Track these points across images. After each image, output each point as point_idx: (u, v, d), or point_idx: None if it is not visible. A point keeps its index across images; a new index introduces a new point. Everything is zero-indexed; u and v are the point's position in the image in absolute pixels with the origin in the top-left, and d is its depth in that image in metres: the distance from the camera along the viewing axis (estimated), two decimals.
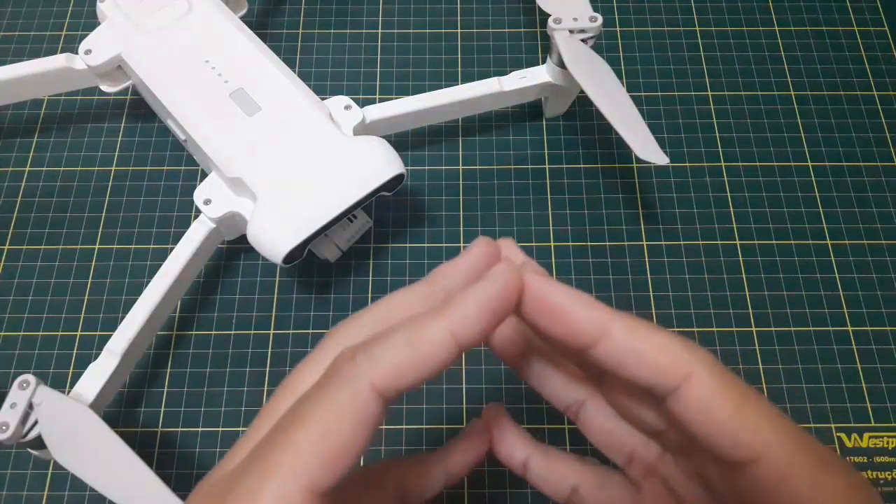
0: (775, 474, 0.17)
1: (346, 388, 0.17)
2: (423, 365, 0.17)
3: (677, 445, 0.21)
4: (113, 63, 0.36)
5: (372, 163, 0.32)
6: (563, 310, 0.18)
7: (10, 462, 0.33)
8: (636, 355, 0.18)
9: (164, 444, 0.34)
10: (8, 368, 0.35)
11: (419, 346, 0.17)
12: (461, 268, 0.20)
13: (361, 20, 0.45)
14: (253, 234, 0.31)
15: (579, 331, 0.18)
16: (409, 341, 0.17)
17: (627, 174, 0.40)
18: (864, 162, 0.40)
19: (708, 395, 0.18)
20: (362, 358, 0.17)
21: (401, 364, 0.17)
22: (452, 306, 0.17)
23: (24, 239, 0.38)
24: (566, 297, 0.18)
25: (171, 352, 0.35)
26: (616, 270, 0.37)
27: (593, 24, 0.35)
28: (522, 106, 0.42)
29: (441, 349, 0.17)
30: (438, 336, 0.17)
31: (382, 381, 0.17)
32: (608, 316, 0.18)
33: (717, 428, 0.18)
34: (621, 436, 0.22)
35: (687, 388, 0.18)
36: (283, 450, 0.16)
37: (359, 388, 0.17)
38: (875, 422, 0.34)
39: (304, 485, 0.16)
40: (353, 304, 0.37)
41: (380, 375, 0.17)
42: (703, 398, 0.18)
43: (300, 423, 0.17)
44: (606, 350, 0.18)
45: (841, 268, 0.38)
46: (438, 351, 0.17)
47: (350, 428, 0.16)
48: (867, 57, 0.44)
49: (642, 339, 0.18)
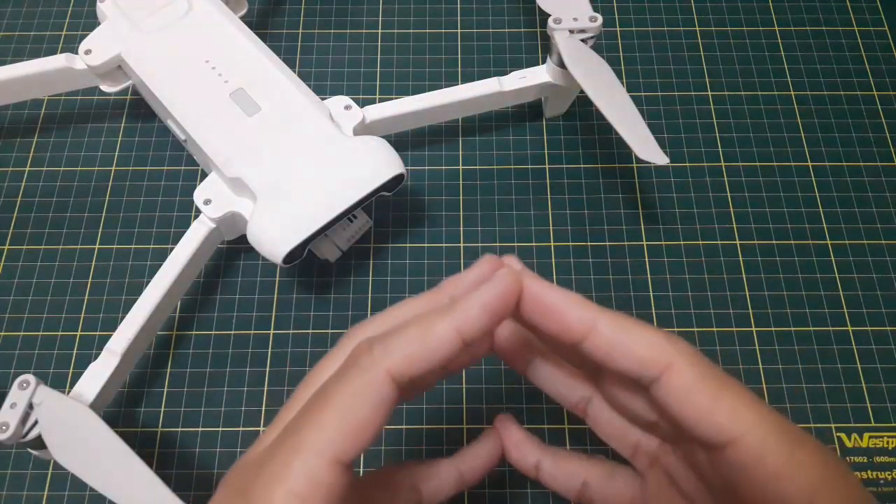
0: (753, 454, 0.19)
1: (365, 373, 0.19)
2: (432, 355, 0.19)
3: (670, 435, 0.23)
4: (113, 63, 0.36)
5: (372, 163, 0.32)
6: (556, 309, 0.21)
7: (10, 462, 0.33)
8: (621, 348, 0.20)
9: (164, 444, 0.34)
10: (8, 368, 0.35)
11: (428, 338, 0.19)
12: (468, 280, 0.22)
13: (361, 20, 0.45)
14: (253, 234, 0.31)
15: (570, 327, 0.20)
16: (419, 335, 0.20)
17: (627, 174, 0.40)
18: (864, 162, 0.40)
19: (687, 382, 0.20)
20: (379, 348, 0.20)
21: (412, 354, 0.19)
22: (458, 305, 0.20)
23: (24, 239, 0.38)
24: (559, 297, 0.21)
25: (171, 352, 0.35)
26: (616, 270, 0.37)
27: (593, 24, 0.35)
28: (522, 106, 0.42)
29: (447, 342, 0.19)
30: (445, 331, 0.19)
31: (396, 368, 0.19)
32: (595, 313, 0.20)
33: (697, 413, 0.19)
34: (626, 428, 0.24)
35: (668, 377, 0.20)
36: (311, 428, 0.19)
37: (376, 373, 0.19)
38: (875, 422, 0.34)
39: (329, 457, 0.18)
40: (353, 304, 0.37)
41: (393, 363, 0.19)
42: (682, 386, 0.20)
43: (325, 404, 0.19)
44: (595, 344, 0.20)
45: (841, 268, 0.38)
46: (445, 344, 0.19)
47: (368, 408, 0.19)
48: (867, 57, 0.44)
49: (626, 333, 0.20)
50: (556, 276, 0.37)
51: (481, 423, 0.34)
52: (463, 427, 0.34)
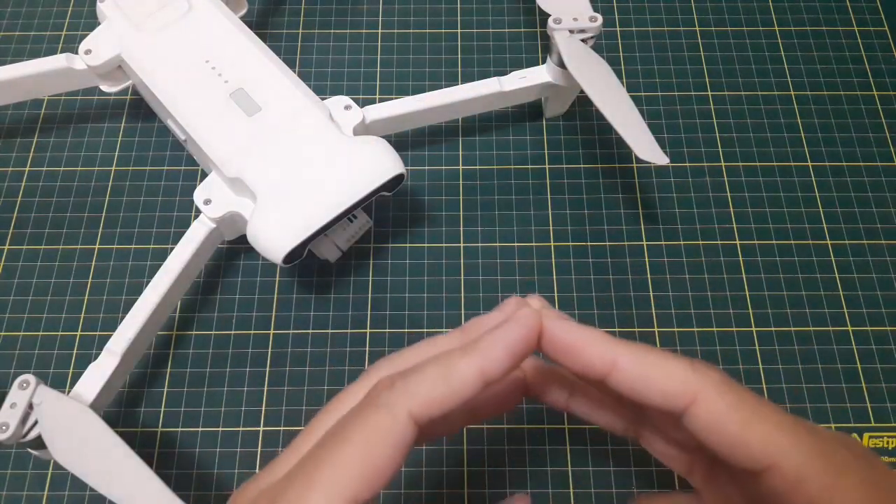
0: (790, 479, 0.19)
1: (386, 413, 0.19)
2: (455, 396, 0.19)
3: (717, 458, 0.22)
4: (113, 63, 0.36)
5: (372, 163, 0.32)
6: (576, 347, 0.20)
7: (10, 462, 0.33)
8: (645, 382, 0.20)
9: (164, 444, 0.34)
10: (8, 368, 0.35)
11: (451, 379, 0.19)
12: (493, 322, 0.22)
13: (361, 20, 0.45)
14: (253, 234, 0.31)
15: (592, 365, 0.20)
16: (443, 375, 0.19)
17: (627, 174, 0.40)
18: (864, 162, 0.40)
19: (715, 413, 0.19)
20: (401, 386, 0.19)
21: (435, 395, 0.19)
22: (481, 346, 0.20)
23: (24, 239, 0.38)
24: (578, 336, 0.21)
25: (171, 352, 0.35)
26: (616, 270, 0.37)
27: (593, 24, 0.35)
28: (522, 106, 0.42)
29: (470, 383, 0.19)
30: (469, 372, 0.19)
31: (418, 410, 0.19)
32: (617, 348, 0.20)
33: (729, 441, 0.19)
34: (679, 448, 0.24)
35: (696, 409, 0.19)
36: (329, 464, 0.18)
37: (397, 415, 0.19)
38: (875, 422, 0.34)
39: (346, 497, 0.18)
40: (353, 304, 0.37)
41: (416, 404, 0.19)
42: (711, 416, 0.19)
43: (345, 441, 0.19)
44: (618, 380, 0.20)
45: (841, 268, 0.38)
46: (468, 385, 0.19)
47: (388, 450, 0.18)
48: (867, 57, 0.44)
49: (649, 367, 0.20)
50: (556, 276, 0.37)
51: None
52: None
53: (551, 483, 0.33)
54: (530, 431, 0.34)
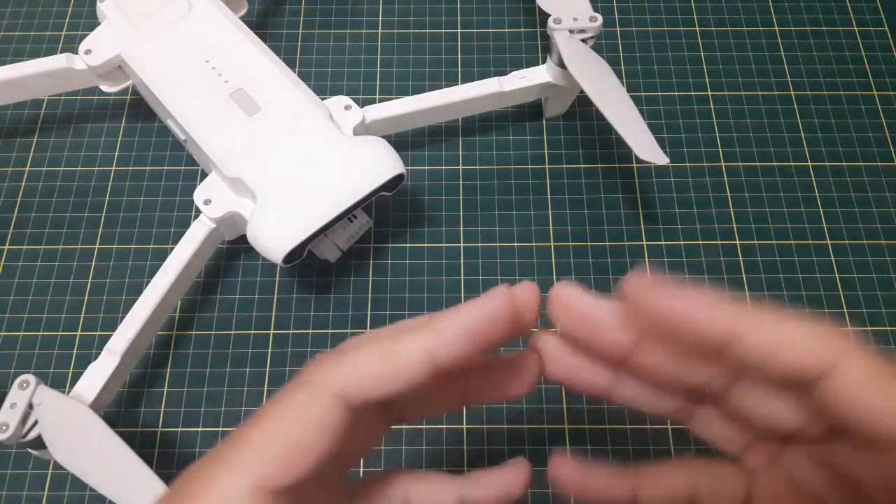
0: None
1: (307, 390, 0.17)
2: (397, 378, 0.17)
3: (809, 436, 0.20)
4: (113, 63, 0.36)
5: (372, 163, 0.32)
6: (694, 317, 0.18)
7: (10, 462, 0.33)
8: (779, 352, 0.17)
9: (164, 444, 0.34)
10: (8, 368, 0.35)
11: (391, 359, 0.17)
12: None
13: (361, 20, 0.45)
14: (253, 234, 0.31)
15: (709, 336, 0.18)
16: (381, 353, 0.17)
17: (627, 174, 0.40)
18: (864, 162, 0.40)
19: (859, 380, 0.17)
20: (330, 365, 0.18)
21: (368, 374, 0.17)
22: (432, 324, 0.18)
23: (24, 239, 0.38)
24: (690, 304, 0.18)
25: (171, 352, 0.35)
26: (616, 270, 0.37)
27: (593, 24, 0.35)
28: (522, 106, 0.42)
29: (415, 365, 0.17)
30: (414, 352, 0.17)
31: (350, 390, 0.17)
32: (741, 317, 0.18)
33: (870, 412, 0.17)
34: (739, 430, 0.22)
35: (835, 376, 0.17)
36: (244, 444, 0.17)
37: (320, 393, 0.17)
38: None
39: (252, 480, 0.16)
40: (353, 304, 0.37)
41: (348, 384, 0.17)
42: (853, 384, 0.17)
43: (258, 421, 0.17)
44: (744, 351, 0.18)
45: (841, 268, 0.38)
46: (413, 366, 0.17)
47: (307, 429, 0.17)
48: (867, 57, 0.44)
49: (783, 335, 0.18)
50: (556, 277, 0.37)
51: (480, 423, 0.34)
52: (463, 427, 0.34)
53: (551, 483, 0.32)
54: (530, 431, 0.34)
